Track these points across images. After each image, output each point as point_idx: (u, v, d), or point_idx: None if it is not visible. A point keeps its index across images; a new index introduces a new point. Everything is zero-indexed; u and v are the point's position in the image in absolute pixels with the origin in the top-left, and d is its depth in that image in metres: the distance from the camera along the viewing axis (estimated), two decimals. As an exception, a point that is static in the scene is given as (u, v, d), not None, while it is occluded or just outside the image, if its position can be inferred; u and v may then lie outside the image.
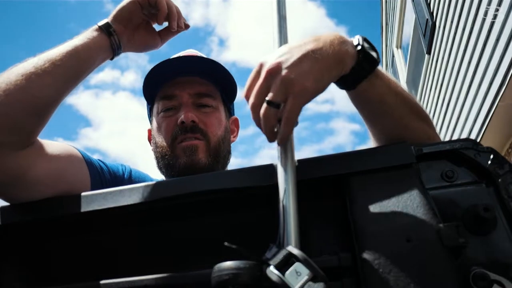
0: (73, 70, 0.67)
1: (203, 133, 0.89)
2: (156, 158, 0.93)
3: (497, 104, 2.99)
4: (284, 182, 0.47)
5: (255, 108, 0.52)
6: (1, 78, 0.62)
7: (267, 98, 0.50)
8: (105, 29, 0.72)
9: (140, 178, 0.94)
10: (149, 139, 1.02)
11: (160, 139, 0.92)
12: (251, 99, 0.52)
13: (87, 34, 0.71)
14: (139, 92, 1.03)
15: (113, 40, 0.73)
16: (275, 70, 0.50)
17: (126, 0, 0.75)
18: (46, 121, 0.65)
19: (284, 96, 0.50)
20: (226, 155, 0.94)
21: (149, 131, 1.02)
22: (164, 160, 0.89)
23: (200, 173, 0.85)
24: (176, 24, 0.79)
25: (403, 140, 0.56)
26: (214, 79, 0.96)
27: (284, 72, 0.50)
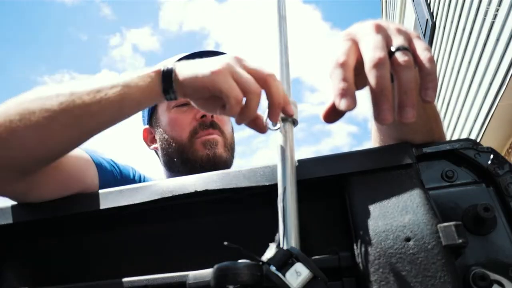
0: (108, 123, 0.55)
1: (220, 130, 0.90)
2: (167, 154, 0.91)
3: (497, 104, 2.99)
4: (284, 182, 0.47)
5: (383, 62, 0.40)
6: (21, 112, 0.51)
7: (397, 44, 0.42)
8: (164, 93, 0.55)
9: None
10: (146, 139, 1.00)
11: (175, 134, 0.90)
12: (374, 53, 0.41)
13: (145, 83, 0.54)
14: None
15: (169, 98, 0.56)
16: (381, 25, 0.44)
17: (200, 79, 0.52)
18: (56, 161, 0.58)
19: (408, 41, 0.43)
20: (234, 153, 0.96)
21: (146, 130, 1.00)
22: (183, 155, 0.88)
23: (221, 167, 0.85)
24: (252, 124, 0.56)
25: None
26: None
27: (391, 25, 0.45)
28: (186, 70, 0.54)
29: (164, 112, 0.93)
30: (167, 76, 0.54)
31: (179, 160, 0.89)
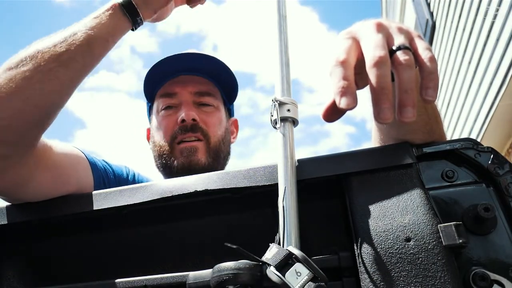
0: (84, 69, 0.57)
1: (203, 133, 0.89)
2: (154, 157, 0.93)
3: (497, 104, 2.99)
4: (284, 182, 0.47)
5: (384, 61, 0.40)
6: (1, 82, 0.53)
7: (398, 43, 0.42)
8: (130, 17, 0.61)
9: (144, 182, 0.94)
10: (148, 139, 1.02)
11: (158, 138, 0.91)
12: (375, 52, 0.41)
13: (107, 20, 0.58)
14: (134, 94, 1.04)
15: (137, 26, 0.63)
16: (382, 24, 0.44)
17: None
18: (48, 126, 0.59)
19: (409, 40, 0.43)
20: (225, 156, 0.95)
21: (148, 130, 1.01)
22: (162, 159, 0.89)
23: (198, 173, 0.85)
24: None
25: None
26: (216, 78, 0.96)
27: (393, 23, 0.45)
28: None
29: (154, 114, 0.95)
30: (127, 3, 0.60)
31: (158, 164, 0.91)
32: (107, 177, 0.83)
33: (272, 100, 0.51)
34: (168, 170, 0.88)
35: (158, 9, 0.65)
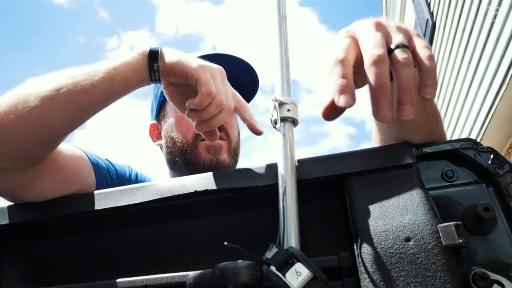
0: (100, 101, 0.59)
1: (226, 133, 0.90)
2: (171, 153, 0.92)
3: (497, 104, 2.99)
4: (284, 182, 0.47)
5: (383, 59, 0.40)
6: (17, 97, 0.54)
7: (396, 42, 0.42)
8: (149, 69, 0.60)
9: (146, 181, 0.93)
10: (151, 134, 1.01)
11: (179, 135, 0.90)
12: (373, 51, 0.41)
13: (131, 65, 0.59)
14: (134, 94, 1.02)
15: (153, 77, 0.62)
16: (381, 22, 0.44)
17: (185, 66, 0.59)
18: (57, 146, 0.60)
19: (407, 39, 0.43)
20: (238, 157, 0.95)
21: (153, 125, 1.01)
22: (185, 156, 0.88)
23: None
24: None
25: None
26: (234, 81, 0.96)
27: (392, 22, 0.45)
28: (173, 56, 0.60)
29: (172, 109, 0.93)
30: (153, 54, 0.60)
31: (181, 160, 0.89)
32: (110, 177, 0.83)
33: (272, 100, 0.52)
34: (193, 167, 0.87)
35: (169, 77, 0.62)
